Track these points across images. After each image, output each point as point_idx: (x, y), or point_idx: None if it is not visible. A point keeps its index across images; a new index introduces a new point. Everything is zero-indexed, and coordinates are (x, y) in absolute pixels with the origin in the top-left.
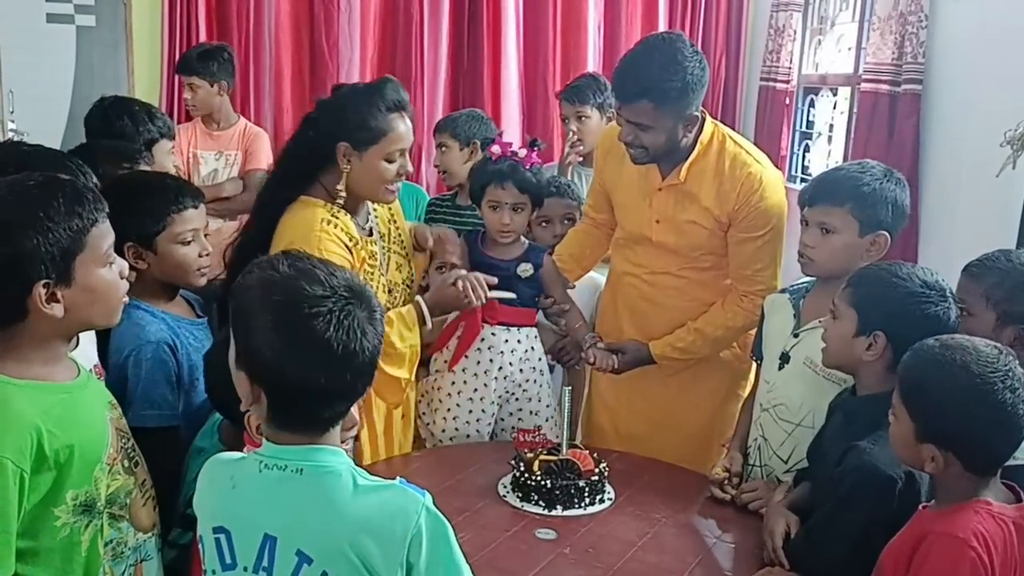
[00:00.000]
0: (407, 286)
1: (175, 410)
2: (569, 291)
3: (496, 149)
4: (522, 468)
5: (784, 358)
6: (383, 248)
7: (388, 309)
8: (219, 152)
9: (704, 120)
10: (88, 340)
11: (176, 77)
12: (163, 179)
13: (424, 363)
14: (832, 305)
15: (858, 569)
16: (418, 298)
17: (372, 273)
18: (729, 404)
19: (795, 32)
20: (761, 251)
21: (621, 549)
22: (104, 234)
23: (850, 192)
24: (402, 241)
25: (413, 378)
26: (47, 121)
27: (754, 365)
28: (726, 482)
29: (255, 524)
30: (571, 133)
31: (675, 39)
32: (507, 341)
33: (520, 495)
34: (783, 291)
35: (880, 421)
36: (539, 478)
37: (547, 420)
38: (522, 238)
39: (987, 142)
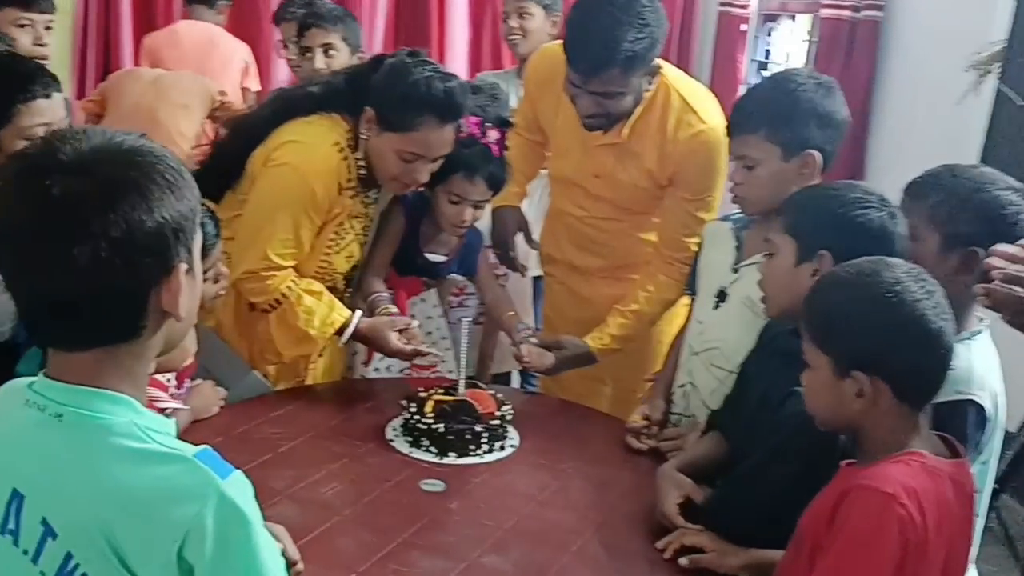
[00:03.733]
0: (354, 270)
1: None
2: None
3: (464, 126)
4: (413, 409)
5: (721, 296)
6: (365, 228)
7: (344, 287)
8: None
9: None
10: None
11: None
12: (9, 61)
13: None
14: (766, 242)
15: (776, 534)
16: (359, 315)
17: (345, 231)
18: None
19: None
20: (695, 216)
21: (517, 504)
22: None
23: (761, 115)
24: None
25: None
26: None
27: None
28: (644, 431)
29: (4, 473)
30: (510, 31)
31: None
32: (420, 304)
33: (409, 440)
34: (725, 219)
35: None
36: (431, 421)
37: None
38: None
39: (948, 69)
